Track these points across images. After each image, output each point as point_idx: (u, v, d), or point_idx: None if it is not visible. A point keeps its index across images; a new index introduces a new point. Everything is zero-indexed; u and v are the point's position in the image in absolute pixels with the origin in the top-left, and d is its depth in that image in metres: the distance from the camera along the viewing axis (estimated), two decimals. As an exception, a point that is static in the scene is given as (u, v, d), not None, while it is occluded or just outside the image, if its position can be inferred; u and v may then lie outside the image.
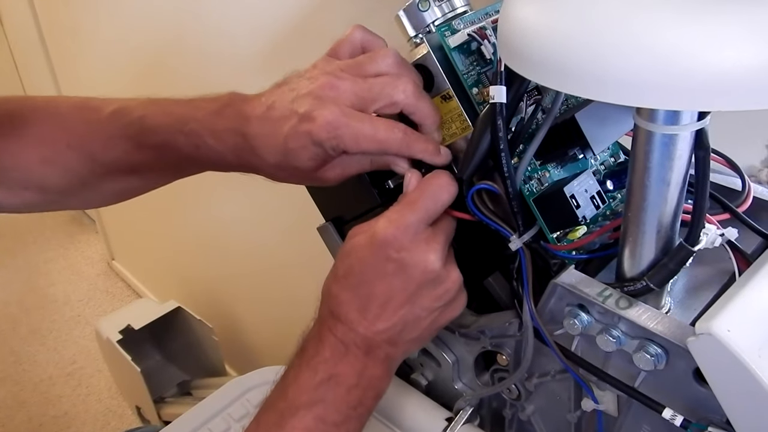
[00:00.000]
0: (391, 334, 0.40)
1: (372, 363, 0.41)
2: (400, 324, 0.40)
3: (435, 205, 0.40)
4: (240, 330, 1.51)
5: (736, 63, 0.24)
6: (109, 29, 1.44)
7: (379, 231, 0.39)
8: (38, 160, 0.48)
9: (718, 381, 0.32)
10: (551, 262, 0.42)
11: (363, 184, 0.46)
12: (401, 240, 0.39)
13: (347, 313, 0.40)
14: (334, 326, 0.41)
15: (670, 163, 0.33)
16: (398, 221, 0.39)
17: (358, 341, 0.40)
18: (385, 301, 0.40)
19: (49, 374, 1.81)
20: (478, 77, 0.42)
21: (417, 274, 0.39)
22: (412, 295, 0.40)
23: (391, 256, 0.39)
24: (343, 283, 0.41)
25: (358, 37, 0.43)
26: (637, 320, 0.35)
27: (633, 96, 0.26)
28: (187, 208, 1.46)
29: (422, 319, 0.41)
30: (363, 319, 0.40)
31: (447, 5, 0.43)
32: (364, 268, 0.40)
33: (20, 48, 2.24)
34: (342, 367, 0.40)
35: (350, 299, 0.40)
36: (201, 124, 0.43)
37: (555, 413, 0.46)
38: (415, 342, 0.42)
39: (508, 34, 0.31)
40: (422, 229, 0.39)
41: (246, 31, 1.00)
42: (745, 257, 0.39)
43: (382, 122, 0.40)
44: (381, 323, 0.40)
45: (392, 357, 0.42)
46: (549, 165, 0.44)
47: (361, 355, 0.40)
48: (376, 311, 0.40)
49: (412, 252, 0.39)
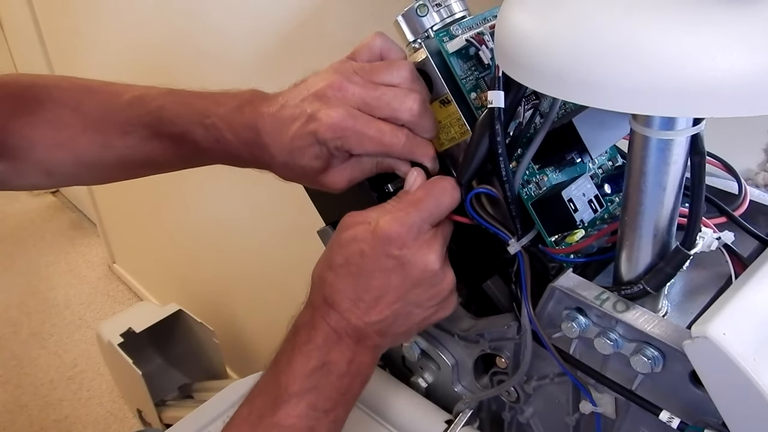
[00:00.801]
0: (382, 326, 0.41)
1: (361, 351, 0.41)
2: (392, 317, 0.41)
3: (438, 208, 0.41)
4: (241, 333, 1.51)
5: (728, 70, 0.24)
6: (108, 30, 1.45)
7: (383, 226, 0.39)
8: (51, 144, 0.48)
9: (714, 384, 0.32)
10: (549, 266, 0.43)
11: (362, 188, 0.47)
12: (404, 238, 0.39)
13: (341, 301, 0.41)
14: (327, 314, 0.41)
15: (666, 168, 0.33)
16: (403, 219, 0.39)
17: (350, 330, 0.41)
18: (381, 294, 0.40)
19: (50, 378, 1.81)
20: (476, 82, 0.43)
21: (416, 273, 0.40)
22: (408, 292, 0.40)
23: (393, 252, 0.39)
24: (340, 272, 0.41)
25: (378, 44, 0.44)
26: (634, 323, 0.36)
27: (627, 102, 0.26)
28: (188, 211, 1.46)
29: (414, 315, 0.41)
30: (356, 308, 0.40)
31: (445, 11, 0.43)
32: (363, 260, 0.40)
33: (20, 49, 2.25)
34: (334, 354, 0.41)
35: (346, 288, 0.41)
36: (222, 119, 0.45)
37: (554, 416, 0.46)
38: (404, 335, 0.43)
39: (504, 41, 0.31)
40: (425, 230, 0.40)
41: (246, 33, 1.01)
42: (741, 261, 0.39)
43: (386, 126, 0.41)
44: (374, 315, 0.40)
45: (380, 346, 0.42)
46: (547, 169, 0.44)
47: (352, 343, 0.41)
48: (370, 303, 0.40)
49: (414, 251, 0.39)
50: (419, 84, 0.42)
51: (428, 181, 0.42)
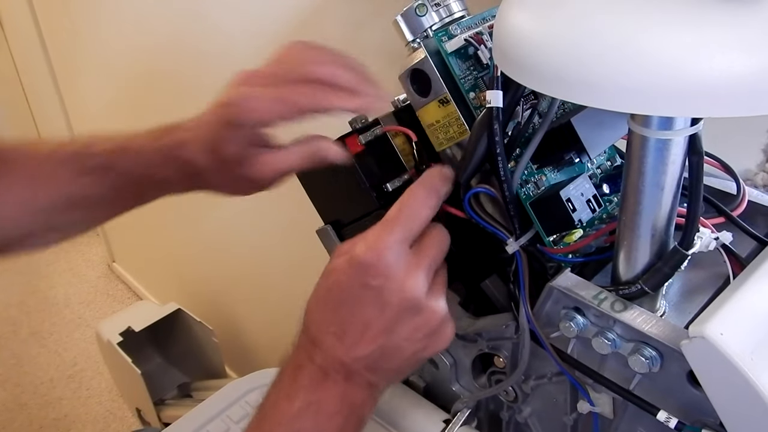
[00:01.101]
0: (369, 361, 0.39)
1: (352, 389, 0.39)
2: (378, 351, 0.38)
3: (414, 223, 0.39)
4: (240, 332, 1.51)
5: (726, 70, 0.25)
6: (108, 30, 1.45)
7: (357, 255, 0.37)
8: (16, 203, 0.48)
9: (711, 384, 0.32)
10: (548, 265, 0.43)
11: (361, 187, 0.47)
12: (378, 265, 0.37)
13: (325, 337, 0.39)
14: (312, 351, 0.39)
15: (664, 168, 0.33)
16: (376, 244, 0.37)
17: (337, 366, 0.39)
18: (364, 328, 0.38)
19: (49, 376, 1.81)
20: (475, 82, 0.43)
21: (395, 301, 0.37)
22: (391, 323, 0.38)
23: (369, 282, 0.37)
24: (322, 306, 0.40)
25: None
26: (632, 323, 0.36)
27: (626, 102, 0.26)
28: (187, 210, 1.46)
29: (403, 349, 0.39)
30: (341, 344, 0.38)
31: (444, 10, 0.44)
32: (341, 293, 0.38)
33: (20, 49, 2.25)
34: (322, 393, 0.39)
35: (328, 323, 0.39)
36: (145, 140, 0.46)
37: (552, 415, 0.46)
38: (398, 372, 0.40)
39: (502, 41, 0.31)
40: (404, 252, 0.38)
41: (246, 33, 1.01)
42: (739, 261, 0.39)
43: (288, 84, 0.42)
44: (359, 350, 0.38)
45: (374, 384, 0.40)
46: (545, 169, 0.44)
47: (340, 380, 0.39)
48: (354, 337, 0.38)
49: (390, 278, 0.37)
50: None
51: (404, 193, 0.40)
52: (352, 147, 0.45)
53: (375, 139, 0.45)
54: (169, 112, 0.48)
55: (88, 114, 1.80)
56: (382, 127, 0.45)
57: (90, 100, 1.75)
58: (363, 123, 0.46)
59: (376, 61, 0.46)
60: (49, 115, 2.29)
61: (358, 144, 0.45)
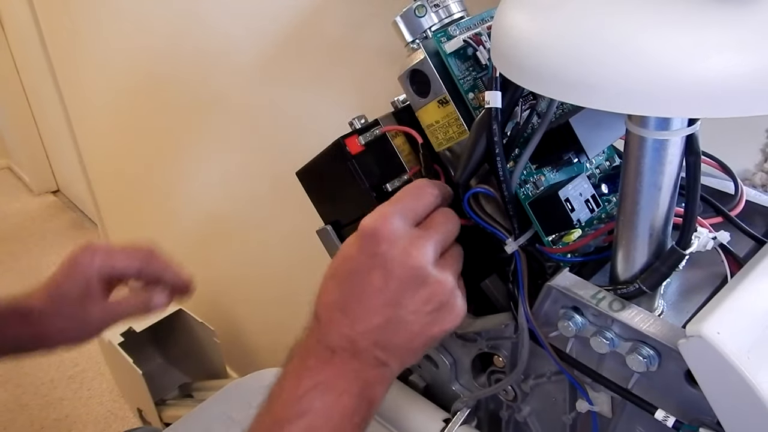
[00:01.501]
0: (376, 336, 0.38)
1: (360, 366, 0.38)
2: (384, 324, 0.38)
3: (416, 203, 0.39)
4: (241, 332, 1.51)
5: (722, 70, 0.25)
6: (108, 30, 1.45)
7: (363, 224, 0.38)
8: None
9: (708, 382, 0.32)
10: (546, 265, 0.43)
11: (361, 187, 0.47)
12: (383, 230, 0.37)
13: (331, 314, 0.39)
14: (318, 331, 0.39)
15: (662, 168, 0.34)
16: (378, 211, 0.38)
17: (344, 343, 0.38)
18: (366, 298, 0.38)
19: (50, 377, 1.82)
20: (474, 82, 0.43)
21: (399, 269, 0.37)
22: (396, 294, 0.37)
23: (373, 250, 0.38)
24: (330, 284, 0.40)
25: None
26: (630, 322, 0.36)
27: (622, 103, 0.27)
28: (188, 210, 1.46)
29: (410, 323, 0.38)
30: (345, 318, 0.38)
31: (443, 11, 0.44)
32: (348, 265, 0.39)
33: (20, 49, 2.25)
34: (329, 372, 0.38)
35: (334, 299, 0.39)
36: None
37: (551, 414, 0.46)
38: (408, 350, 0.39)
39: (501, 42, 0.32)
40: (408, 223, 0.38)
41: (246, 33, 1.01)
42: (737, 260, 0.40)
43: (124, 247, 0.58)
44: (364, 323, 0.38)
45: (383, 362, 0.39)
46: (544, 169, 0.44)
47: (347, 357, 0.38)
48: (358, 310, 0.38)
49: (394, 245, 0.37)
50: None
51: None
52: (351, 147, 0.45)
53: (375, 140, 0.45)
54: (169, 111, 0.48)
55: (88, 114, 1.80)
56: (381, 127, 0.45)
57: (90, 99, 1.75)
58: (363, 123, 0.46)
59: (376, 61, 0.46)
60: (49, 115, 2.29)
61: (357, 144, 0.45)
